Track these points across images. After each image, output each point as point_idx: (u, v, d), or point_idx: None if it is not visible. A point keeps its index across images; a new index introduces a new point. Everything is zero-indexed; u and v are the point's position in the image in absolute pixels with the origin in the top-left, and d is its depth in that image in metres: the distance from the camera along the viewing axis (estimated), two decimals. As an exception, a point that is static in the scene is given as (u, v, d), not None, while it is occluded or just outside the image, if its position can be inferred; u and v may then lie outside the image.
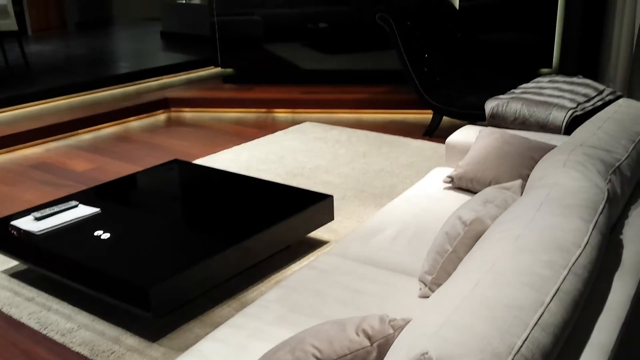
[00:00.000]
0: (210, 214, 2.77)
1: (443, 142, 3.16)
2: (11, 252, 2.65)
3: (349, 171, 3.96)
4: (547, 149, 2.41)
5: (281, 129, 4.94)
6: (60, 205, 2.78)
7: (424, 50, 4.59)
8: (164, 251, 2.44)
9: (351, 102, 5.40)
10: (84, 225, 2.63)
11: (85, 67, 6.60)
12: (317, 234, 3.05)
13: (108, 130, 5.10)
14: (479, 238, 1.59)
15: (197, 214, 2.81)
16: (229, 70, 6.13)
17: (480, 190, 2.31)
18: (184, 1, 8.47)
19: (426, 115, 4.89)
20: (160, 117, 5.50)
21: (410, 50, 4.48)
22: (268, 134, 4.84)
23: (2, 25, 6.18)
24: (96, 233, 2.55)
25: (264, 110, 5.53)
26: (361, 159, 4.18)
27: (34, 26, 9.28)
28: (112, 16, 10.31)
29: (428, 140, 4.56)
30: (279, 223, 2.62)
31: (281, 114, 5.46)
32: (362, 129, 4.89)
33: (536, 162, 2.20)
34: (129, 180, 3.21)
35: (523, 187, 1.97)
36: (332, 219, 2.92)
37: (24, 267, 2.83)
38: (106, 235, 2.53)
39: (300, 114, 5.43)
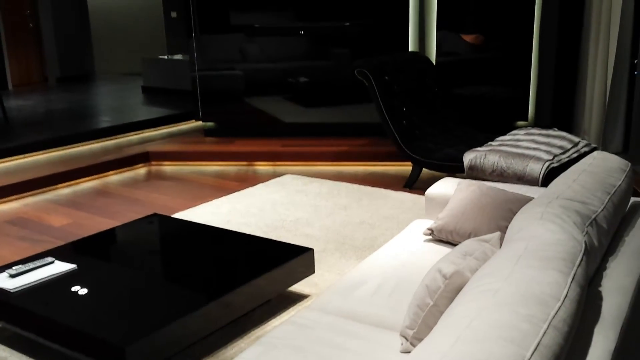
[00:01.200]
0: (189, 269, 2.73)
1: (423, 194, 3.19)
2: (-16, 311, 2.58)
3: (330, 223, 3.96)
4: (525, 200, 2.44)
5: (262, 182, 4.95)
6: (36, 262, 2.72)
7: (403, 104, 4.68)
8: (142, 308, 2.39)
9: (331, 155, 5.44)
10: (60, 282, 2.58)
11: (65, 121, 6.59)
12: (298, 287, 3.02)
13: (87, 184, 5.06)
14: (460, 291, 1.59)
15: (177, 268, 2.77)
16: (210, 123, 6.17)
17: (460, 242, 2.32)
18: (165, 57, 8.57)
19: (406, 168, 4.94)
20: (141, 170, 5.48)
21: (388, 104, 4.56)
22: (249, 186, 4.84)
23: (-18, 81, 6.19)
24: (73, 289, 2.50)
25: (245, 163, 5.55)
26: (342, 211, 4.19)
27: (14, 81, 9.31)
28: (94, 71, 10.39)
29: (408, 192, 4.59)
30: (260, 277, 2.60)
31: (262, 167, 5.48)
32: (342, 181, 4.92)
33: (514, 213, 2.22)
34: (107, 235, 3.17)
35: (502, 239, 1.98)
36: (313, 272, 2.90)
37: (-4, 326, 2.76)
38: (83, 292, 2.48)
39: (281, 166, 5.45)
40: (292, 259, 2.76)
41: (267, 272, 2.63)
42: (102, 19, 10.79)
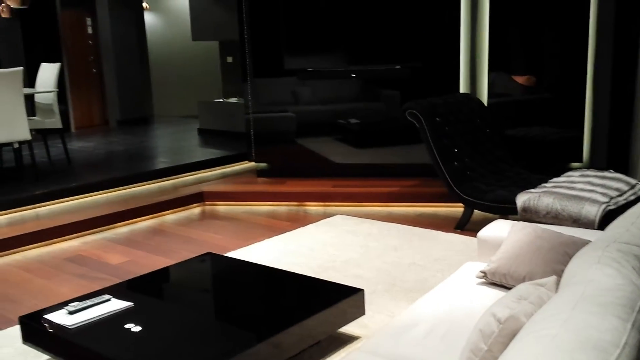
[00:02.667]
0: (241, 308, 2.76)
1: (474, 235, 3.15)
2: (43, 347, 2.67)
3: (380, 264, 3.94)
4: (581, 244, 2.38)
5: (313, 222, 4.98)
6: (93, 299, 2.80)
7: (454, 145, 4.66)
8: (193, 346, 2.42)
9: (382, 195, 5.44)
10: (115, 320, 2.64)
11: (124, 162, 6.83)
12: (348, 329, 3.01)
13: (144, 223, 5.21)
14: (514, 336, 1.56)
15: (228, 307, 2.81)
16: (263, 164, 6.29)
17: (514, 286, 2.27)
18: (221, 100, 8.83)
19: (457, 209, 4.89)
20: (195, 210, 5.61)
21: (439, 145, 4.56)
22: (300, 226, 4.88)
23: (47, 123, 6.49)
24: (127, 326, 2.56)
25: (296, 203, 5.61)
26: (392, 252, 4.17)
27: (77, 124, 9.73)
28: (152, 114, 10.77)
29: (459, 233, 4.53)
30: (310, 317, 2.60)
31: (313, 207, 5.52)
32: (393, 222, 4.90)
33: (570, 257, 2.17)
34: (162, 274, 3.24)
35: (558, 283, 1.94)
36: (363, 313, 2.88)
37: (55, 361, 2.83)
38: (137, 329, 2.54)
39: (332, 207, 5.48)
40: (343, 299, 2.76)
41: (317, 312, 2.64)
42: (161, 64, 11.23)
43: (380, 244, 4.34)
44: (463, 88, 5.61)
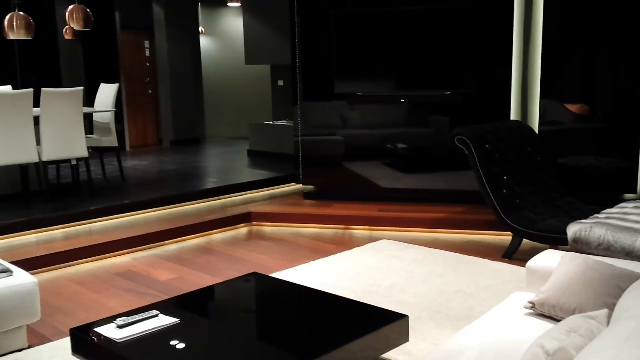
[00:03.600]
0: (284, 329, 2.78)
1: (523, 265, 3.09)
2: (92, 359, 2.73)
3: (425, 291, 3.90)
4: (634, 277, 2.31)
5: (358, 246, 4.98)
6: (141, 314, 2.86)
7: (503, 172, 4.61)
8: (237, 365, 2.45)
9: (428, 221, 5.40)
10: (162, 335, 2.69)
11: (175, 181, 7.00)
12: (391, 355, 2.98)
13: (192, 241, 5.30)
14: (561, 369, 1.52)
15: (271, 328, 2.83)
16: (310, 186, 6.34)
17: (563, 318, 2.22)
18: (270, 122, 8.97)
19: (505, 237, 4.81)
20: (242, 230, 5.68)
21: (488, 172, 4.51)
22: (345, 250, 4.88)
23: (104, 142, 6.72)
24: (172, 343, 2.60)
25: (341, 226, 5.62)
26: (437, 278, 4.12)
27: (132, 142, 10.04)
28: (204, 135, 11.01)
29: (507, 262, 4.45)
30: (353, 341, 2.59)
31: (358, 231, 5.52)
32: (438, 248, 4.85)
33: (622, 290, 2.12)
34: (208, 292, 3.30)
35: (609, 316, 1.89)
36: (407, 340, 2.85)
37: (103, 373, 2.90)
38: (181, 346, 2.58)
39: (377, 231, 5.47)
40: (386, 324, 2.74)
41: (360, 337, 2.63)
42: (214, 86, 11.52)
43: (426, 270, 4.30)
44: (514, 115, 5.55)
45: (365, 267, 4.41)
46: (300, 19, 6.12)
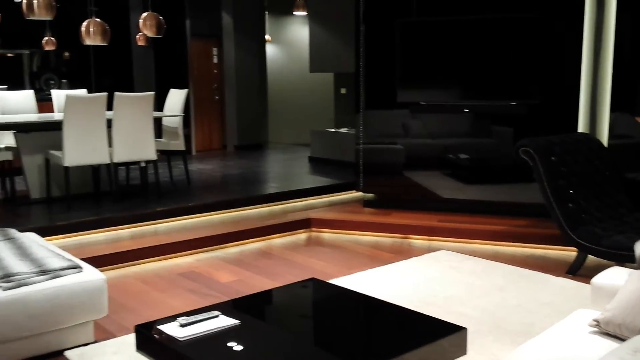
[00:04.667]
0: (341, 336, 2.80)
1: (587, 281, 3.01)
2: (155, 356, 2.82)
3: (485, 304, 3.84)
4: None
5: (416, 256, 4.95)
6: (203, 314, 2.95)
7: (570, 186, 4.49)
8: (293, 368, 2.49)
9: (489, 233, 5.32)
10: (222, 336, 2.76)
11: (238, 185, 7.15)
12: (448, 367, 2.96)
13: (253, 245, 5.41)
14: (622, 390, 1.49)
15: (327, 334, 2.86)
16: (370, 195, 6.35)
17: (629, 338, 2.16)
18: (332, 130, 9.03)
19: (569, 253, 4.68)
20: (302, 236, 5.75)
21: (554, 185, 4.41)
22: (403, 259, 4.87)
23: (172, 145, 6.94)
24: (230, 344, 2.65)
25: (400, 235, 5.60)
26: (497, 292, 4.06)
27: (198, 146, 10.31)
28: (267, 141, 11.20)
29: (571, 278, 4.33)
30: (409, 351, 2.59)
31: (417, 240, 5.49)
32: (499, 261, 4.77)
33: (691, 313, 2.04)
34: (267, 295, 3.36)
35: (675, 339, 1.83)
36: (465, 353, 2.83)
37: (164, 369, 2.99)
38: (239, 348, 2.63)
39: (437, 241, 5.42)
40: (444, 336, 2.73)
41: (417, 347, 2.62)
42: (278, 93, 11.70)
43: (485, 283, 4.24)
44: (582, 127, 5.40)
45: (423, 278, 4.38)
46: (365, 27, 6.16)
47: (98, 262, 4.35)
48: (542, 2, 5.57)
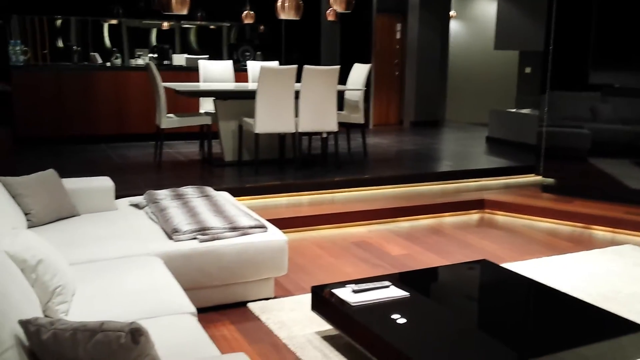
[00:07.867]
0: (507, 322, 2.78)
1: None
2: (328, 317, 3.02)
3: (673, 308, 3.56)
4: None
5: (598, 247, 4.69)
6: (375, 283, 3.09)
7: None
8: (454, 352, 2.52)
9: (686, 232, 4.86)
10: (390, 306, 2.86)
11: (412, 161, 7.21)
12: (624, 367, 2.82)
13: (424, 221, 5.47)
14: None
15: (494, 318, 2.85)
16: (550, 180, 6.07)
17: None
18: (513, 110, 8.70)
19: None
20: (474, 216, 5.69)
21: None
22: (582, 250, 4.63)
23: (352, 118, 7.17)
24: (394, 316, 2.74)
25: (581, 224, 5.32)
26: (690, 297, 3.73)
27: (375, 121, 10.50)
28: (444, 118, 11.08)
29: None
30: (583, 346, 2.51)
31: (599, 232, 5.18)
32: (696, 263, 4.36)
33: None
34: (437, 272, 3.42)
35: None
36: (645, 355, 2.68)
37: (335, 332, 3.18)
38: (402, 321, 2.71)
39: (622, 234, 5.07)
40: (624, 334, 2.60)
41: (592, 342, 2.53)
42: (459, 71, 11.48)
43: (676, 285, 3.91)
44: None
45: (604, 271, 4.15)
46: (558, 2, 5.83)
47: (280, 224, 4.67)
48: None
